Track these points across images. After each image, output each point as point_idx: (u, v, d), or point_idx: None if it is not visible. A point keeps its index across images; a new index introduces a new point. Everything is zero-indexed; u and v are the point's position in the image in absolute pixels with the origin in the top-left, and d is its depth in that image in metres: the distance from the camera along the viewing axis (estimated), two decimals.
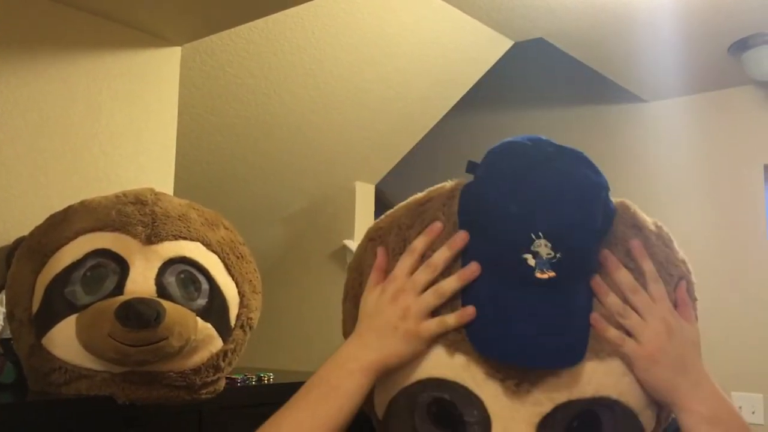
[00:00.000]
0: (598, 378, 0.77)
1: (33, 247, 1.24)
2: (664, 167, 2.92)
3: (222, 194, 2.58)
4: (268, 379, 1.51)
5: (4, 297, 1.27)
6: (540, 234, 0.75)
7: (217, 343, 1.26)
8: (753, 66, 2.49)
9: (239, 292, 1.31)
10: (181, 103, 1.90)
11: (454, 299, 0.81)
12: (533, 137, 0.84)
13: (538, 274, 0.75)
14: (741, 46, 2.43)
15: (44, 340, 1.18)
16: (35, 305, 1.20)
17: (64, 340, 1.17)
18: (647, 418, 0.81)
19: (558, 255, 0.75)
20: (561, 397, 0.76)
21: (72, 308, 1.17)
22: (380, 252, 0.86)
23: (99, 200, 1.28)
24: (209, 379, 1.26)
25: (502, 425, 0.76)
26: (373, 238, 0.89)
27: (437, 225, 0.83)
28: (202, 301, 1.24)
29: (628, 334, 0.79)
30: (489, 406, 0.76)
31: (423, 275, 0.81)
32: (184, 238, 1.26)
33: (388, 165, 2.93)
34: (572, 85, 3.03)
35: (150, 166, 1.78)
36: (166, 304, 1.15)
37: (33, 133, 1.57)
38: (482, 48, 2.49)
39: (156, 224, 1.24)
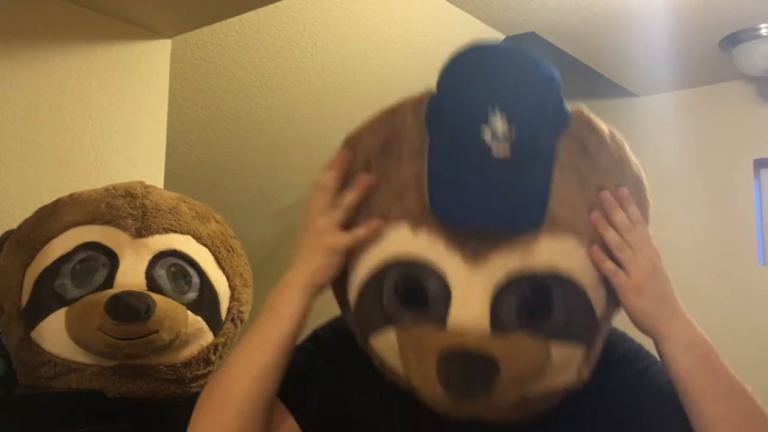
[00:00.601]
0: (549, 252, 0.82)
1: (22, 240, 1.24)
2: (654, 162, 2.93)
3: (212, 188, 2.57)
4: None
5: None
6: (496, 107, 0.81)
7: (208, 337, 1.26)
8: (744, 61, 2.50)
9: (230, 286, 1.31)
10: (172, 96, 1.89)
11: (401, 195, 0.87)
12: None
13: (494, 150, 0.81)
14: (732, 40, 2.44)
15: (33, 334, 1.18)
16: (24, 299, 1.19)
17: (54, 333, 1.16)
18: (597, 298, 0.85)
19: (513, 131, 0.81)
20: (515, 267, 0.81)
21: (61, 302, 1.17)
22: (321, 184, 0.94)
23: (88, 193, 1.28)
24: (200, 373, 1.26)
25: (461, 296, 0.81)
26: (347, 143, 0.97)
27: (344, 154, 0.94)
28: (192, 295, 1.24)
29: (620, 266, 0.86)
30: (449, 278, 0.82)
31: (329, 207, 0.92)
32: (175, 232, 1.25)
33: None
34: (563, 79, 3.03)
35: (140, 160, 1.77)
36: (156, 297, 1.15)
37: (22, 125, 1.56)
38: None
39: (146, 217, 1.24)
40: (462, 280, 0.81)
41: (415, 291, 0.83)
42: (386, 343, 0.86)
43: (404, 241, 0.85)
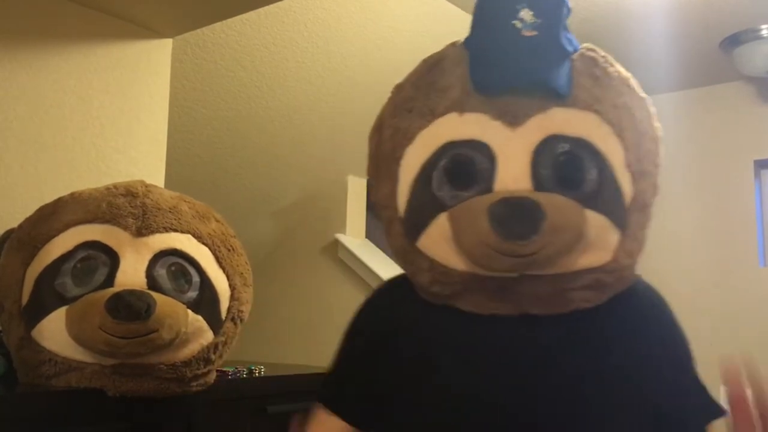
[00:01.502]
0: (577, 123, 0.93)
1: (23, 239, 1.24)
2: None
3: (213, 187, 2.58)
4: (259, 372, 1.52)
5: None
6: (524, 3, 0.95)
7: (208, 336, 1.26)
8: (744, 61, 2.50)
9: (230, 285, 1.31)
10: (172, 95, 1.90)
11: None
12: None
13: (524, 32, 0.94)
14: (732, 41, 2.44)
15: (34, 333, 1.18)
16: (25, 297, 1.19)
17: (54, 332, 1.16)
18: (624, 180, 0.94)
19: (538, 22, 0.94)
20: (550, 130, 0.91)
21: (62, 300, 1.17)
22: None
23: (89, 192, 1.28)
24: (200, 372, 1.26)
25: (504, 159, 0.90)
26: (396, 88, 1.07)
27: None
28: (192, 294, 1.24)
29: None
30: (494, 146, 0.91)
31: None
32: (175, 231, 1.25)
33: None
34: None
35: (141, 159, 1.77)
36: (156, 296, 1.15)
37: (23, 125, 1.56)
38: None
39: (147, 216, 1.24)
40: (504, 145, 0.91)
41: (464, 168, 0.92)
42: (437, 233, 0.93)
43: (452, 126, 0.94)
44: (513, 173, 0.90)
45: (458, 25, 2.51)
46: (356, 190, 2.93)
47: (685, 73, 2.77)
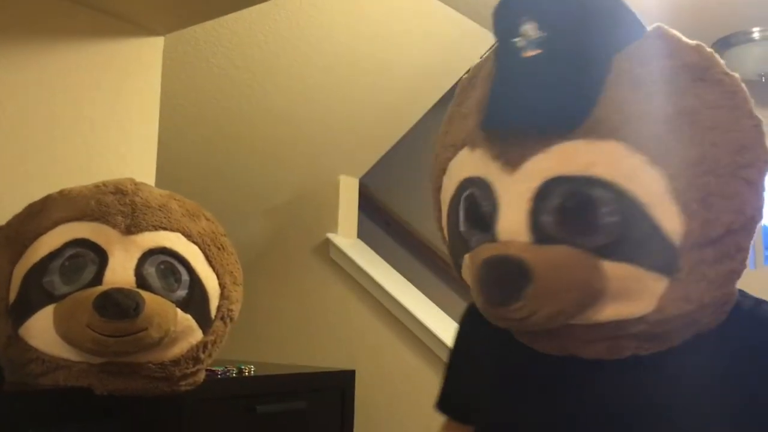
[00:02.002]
0: (588, 158, 0.77)
1: (11, 236, 1.23)
2: None
3: (204, 186, 2.57)
4: (249, 371, 1.51)
5: None
6: (525, 18, 0.82)
7: (197, 335, 1.25)
8: (736, 64, 2.51)
9: (220, 284, 1.30)
10: (164, 93, 1.89)
11: None
12: None
13: (525, 53, 0.81)
14: (723, 44, 2.45)
15: (21, 331, 1.17)
16: (12, 295, 1.19)
17: (42, 330, 1.16)
18: (665, 216, 0.76)
19: (545, 37, 0.80)
20: (550, 172, 0.78)
21: (50, 298, 1.16)
22: None
23: (78, 190, 1.27)
24: (189, 371, 1.25)
25: (503, 205, 0.81)
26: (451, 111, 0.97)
27: None
28: (182, 293, 1.23)
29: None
30: (495, 189, 0.82)
31: None
32: (165, 229, 1.25)
33: (373, 159, 2.93)
34: None
35: (131, 157, 1.76)
36: (145, 294, 1.15)
37: (13, 122, 1.55)
38: (468, 43, 2.50)
39: (136, 214, 1.23)
40: (504, 191, 0.81)
41: (476, 209, 0.84)
42: (466, 272, 0.87)
43: (466, 161, 0.87)
44: (510, 223, 0.80)
45: (450, 25, 2.53)
46: (348, 189, 2.93)
47: None
